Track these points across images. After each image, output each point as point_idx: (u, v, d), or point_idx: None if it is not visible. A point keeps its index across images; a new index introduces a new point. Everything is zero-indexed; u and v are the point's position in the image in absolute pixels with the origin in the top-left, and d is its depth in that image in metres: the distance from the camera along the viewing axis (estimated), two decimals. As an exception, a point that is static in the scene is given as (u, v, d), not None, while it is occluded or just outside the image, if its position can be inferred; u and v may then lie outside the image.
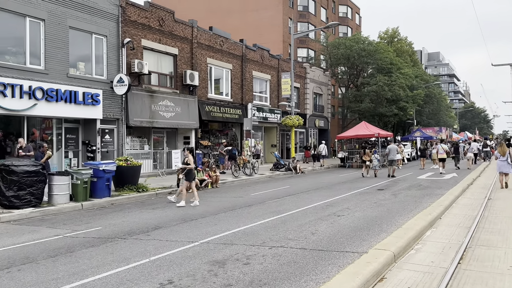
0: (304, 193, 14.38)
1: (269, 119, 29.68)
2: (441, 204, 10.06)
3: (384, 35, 58.77)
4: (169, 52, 20.80)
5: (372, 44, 39.25)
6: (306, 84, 35.57)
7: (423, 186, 15.70)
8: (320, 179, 20.25)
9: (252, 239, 7.33)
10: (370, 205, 11.25)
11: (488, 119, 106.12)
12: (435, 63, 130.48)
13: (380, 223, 8.70)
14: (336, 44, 39.22)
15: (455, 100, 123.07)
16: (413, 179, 18.97)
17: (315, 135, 38.13)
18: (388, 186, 16.17)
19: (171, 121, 20.32)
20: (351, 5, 53.88)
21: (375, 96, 38.02)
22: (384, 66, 39.57)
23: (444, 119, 63.78)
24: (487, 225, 8.02)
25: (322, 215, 9.78)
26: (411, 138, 42.86)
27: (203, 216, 9.85)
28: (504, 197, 11.84)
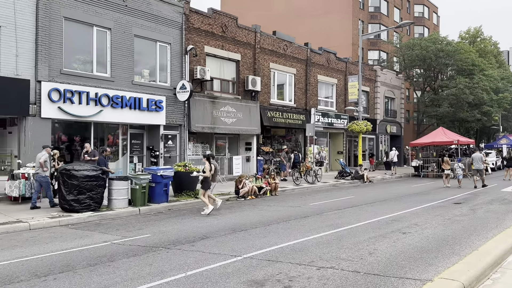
0: (369, 205, 13.31)
1: (335, 124, 28.53)
2: (529, 224, 8.57)
3: (465, 35, 54.50)
4: (231, 58, 20.77)
5: (451, 44, 36.34)
6: (376, 87, 33.79)
7: (508, 201, 13.80)
8: (389, 189, 18.85)
9: (300, 257, 6.67)
10: (443, 221, 9.97)
11: None
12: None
13: (452, 243, 7.55)
14: (410, 45, 36.92)
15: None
16: (497, 191, 16.88)
17: (386, 141, 36.06)
18: (467, 199, 14.46)
19: (232, 126, 20.21)
20: (428, 4, 50.64)
21: (455, 100, 35.07)
22: (465, 67, 36.42)
23: (535, 125, 57.29)
24: None
25: (384, 231, 8.79)
26: (496, 146, 38.87)
27: (254, 227, 9.35)
28: None
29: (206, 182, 11.62)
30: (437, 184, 21.07)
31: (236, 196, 15.02)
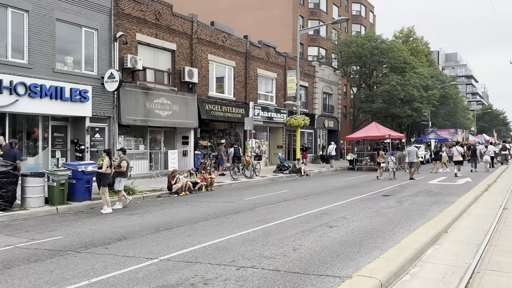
0: (302, 198, 13.30)
1: (275, 119, 28.60)
2: (448, 214, 8.86)
3: (399, 35, 57.15)
4: (166, 48, 19.91)
5: (385, 42, 37.84)
6: (315, 83, 34.37)
7: (433, 192, 14.44)
8: (324, 182, 19.11)
9: (221, 256, 6.31)
10: (370, 214, 10.10)
11: (506, 122, 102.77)
12: (452, 64, 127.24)
13: (376, 237, 7.58)
14: (347, 42, 37.93)
15: (473, 102, 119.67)
16: (424, 184, 17.68)
17: (324, 136, 36.88)
18: (395, 191, 14.95)
19: (168, 119, 19.43)
20: (365, 3, 52.39)
21: (388, 96, 36.58)
22: (398, 65, 38.09)
23: (460, 121, 61.65)
24: (500, 242, 6.83)
25: (313, 225, 8.70)
26: (426, 140, 41.20)
27: (181, 225, 8.86)
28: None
29: (105, 178, 10.91)
30: (370, 176, 21.77)
31: (169, 192, 14.40)
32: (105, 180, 10.91)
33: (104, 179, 10.93)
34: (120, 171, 11.40)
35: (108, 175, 11.02)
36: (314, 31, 42.68)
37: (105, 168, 10.94)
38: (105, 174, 10.96)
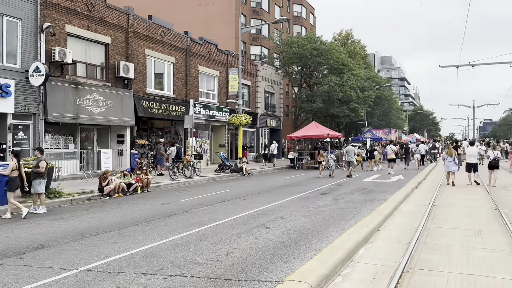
0: (242, 198, 13.10)
1: (217, 117, 28.23)
2: (381, 212, 9.08)
3: (338, 37, 59.01)
4: (99, 41, 18.82)
5: (324, 44, 38.80)
6: (257, 82, 34.43)
7: (367, 190, 14.89)
8: (265, 181, 19.09)
9: (149, 264, 5.90)
10: (307, 213, 10.12)
11: (436, 122, 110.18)
12: (387, 66, 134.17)
13: (311, 237, 7.54)
14: (288, 43, 38.42)
15: (406, 103, 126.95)
16: (359, 181, 18.23)
17: (267, 134, 37.11)
18: (332, 189, 15.23)
19: (101, 117, 18.37)
20: (306, 5, 53.46)
21: (327, 96, 37.56)
22: (336, 66, 39.25)
23: (394, 121, 65.02)
24: (428, 240, 7.06)
25: (249, 226, 8.51)
26: (362, 139, 42.90)
27: (109, 230, 8.28)
28: (449, 204, 11.12)
29: (12, 183, 10.01)
30: (310, 175, 22.15)
31: (100, 194, 13.57)
32: (12, 184, 9.95)
33: (11, 183, 9.96)
34: (38, 172, 10.50)
35: (15, 179, 10.04)
36: (256, 30, 42.82)
37: (9, 171, 9.96)
38: (12, 178, 9.98)
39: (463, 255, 6.04)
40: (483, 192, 13.57)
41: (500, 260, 5.80)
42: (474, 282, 4.95)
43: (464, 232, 7.59)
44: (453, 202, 11.44)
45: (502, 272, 5.26)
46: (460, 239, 7.05)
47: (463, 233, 7.49)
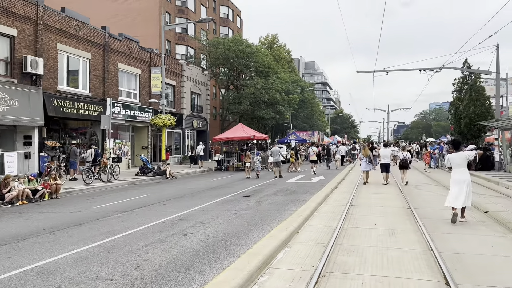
0: (162, 203, 12.44)
1: (139, 118, 26.97)
2: (301, 214, 9.06)
3: (264, 41, 59.93)
4: (3, 33, 16.94)
5: (250, 46, 39.03)
6: (182, 82, 33.57)
7: (290, 191, 15.00)
8: (189, 184, 18.51)
9: (44, 282, 5.16)
10: (229, 216, 9.81)
11: (355, 125, 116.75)
12: (310, 71, 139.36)
13: (230, 242, 7.22)
14: (215, 43, 38.06)
15: (328, 107, 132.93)
16: (283, 183, 18.40)
17: (193, 136, 36.38)
18: (256, 191, 15.12)
19: (4, 116, 16.50)
20: (232, 7, 53.49)
21: (253, 98, 37.81)
22: (263, 69, 39.72)
23: (317, 124, 67.63)
24: (345, 241, 7.09)
25: (166, 234, 7.98)
26: (287, 141, 43.85)
27: (3, 244, 7.31)
28: (365, 204, 11.49)
29: None
30: (236, 176, 21.98)
31: (0, 202, 12.10)
32: None
33: None
34: None
35: None
36: (182, 30, 41.88)
37: None
38: None
39: (378, 256, 6.11)
40: (397, 191, 14.31)
41: (412, 259, 5.94)
42: (388, 283, 4.96)
43: (379, 231, 7.78)
44: (369, 202, 11.84)
45: (414, 273, 5.36)
46: (375, 239, 7.19)
47: (378, 233, 7.66)
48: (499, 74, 22.02)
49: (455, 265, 5.60)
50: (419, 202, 11.64)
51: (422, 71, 25.09)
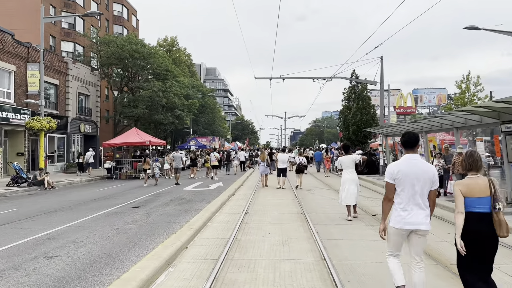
0: (30, 219, 10.62)
1: (13, 120, 23.61)
2: (192, 226, 8.25)
3: (163, 43, 57.99)
4: None
5: (146, 47, 37.15)
6: (68, 81, 30.44)
7: (185, 200, 14.09)
8: (70, 195, 16.47)
9: None
10: (109, 233, 8.59)
11: (255, 131, 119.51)
12: (212, 77, 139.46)
13: (104, 265, 6.13)
14: (106, 41, 35.40)
15: (229, 113, 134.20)
16: (179, 190, 17.40)
17: (81, 141, 33.20)
18: (147, 201, 13.91)
19: None
20: (127, 6, 50.66)
21: (150, 102, 35.95)
22: (160, 72, 38.08)
23: (218, 130, 67.41)
24: (237, 254, 6.48)
25: (25, 258, 6.55)
26: (187, 147, 42.63)
27: None
28: (261, 211, 11.12)
29: None
30: (128, 185, 20.39)
31: None
32: None
33: None
34: None
35: None
36: (69, 25, 38.28)
37: None
38: None
39: (270, 270, 5.60)
40: (292, 196, 14.30)
41: (305, 272, 5.54)
42: (279, 303, 4.42)
43: (273, 241, 7.35)
44: (265, 208, 11.52)
45: None
46: (268, 250, 6.71)
47: (271, 242, 7.21)
48: (383, 84, 23.86)
49: (348, 276, 5.32)
50: (313, 207, 11.65)
51: (315, 79, 26.14)
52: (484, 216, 3.81)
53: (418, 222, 3.99)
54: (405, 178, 4.05)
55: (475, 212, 3.82)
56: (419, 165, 4.09)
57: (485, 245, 3.78)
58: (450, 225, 8.83)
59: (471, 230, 3.77)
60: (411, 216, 4.01)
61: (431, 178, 4.06)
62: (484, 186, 3.88)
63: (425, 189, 4.05)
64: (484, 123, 12.54)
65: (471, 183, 3.92)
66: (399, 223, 4.04)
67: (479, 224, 3.78)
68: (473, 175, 3.99)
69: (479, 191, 3.87)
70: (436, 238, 7.42)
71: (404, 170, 4.07)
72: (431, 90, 71.99)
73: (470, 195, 3.86)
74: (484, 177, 3.99)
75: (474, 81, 36.18)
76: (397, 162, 4.28)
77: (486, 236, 3.77)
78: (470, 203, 3.85)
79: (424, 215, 4.02)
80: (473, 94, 36.01)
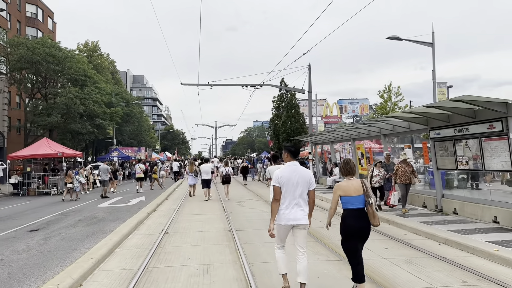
0: None
1: None
2: (92, 255, 6.76)
3: (83, 48, 54.27)
4: None
5: (62, 50, 34.01)
6: (-35, 86, 26.65)
7: (97, 219, 12.34)
8: (-43, 218, 13.84)
9: None
10: (-14, 268, 6.83)
11: (186, 141, 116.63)
12: (139, 85, 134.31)
13: (-43, 321, 4.54)
14: (14, 43, 31.80)
15: (159, 123, 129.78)
16: (93, 207, 15.48)
17: (-18, 154, 29.21)
18: (51, 222, 11.94)
19: None
20: (42, 7, 46.48)
21: (66, 109, 32.80)
22: (77, 77, 35.00)
23: (146, 140, 64.33)
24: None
25: None
26: (109, 158, 39.68)
27: None
28: (183, 229, 9.85)
29: None
30: (36, 203, 18.08)
31: None
32: None
33: None
34: None
35: None
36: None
37: None
38: None
39: (183, 313, 4.42)
40: (220, 210, 13.20)
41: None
42: None
43: (192, 269, 6.17)
44: (188, 225, 10.27)
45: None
46: (185, 283, 5.53)
47: (190, 272, 6.03)
48: (311, 93, 23.73)
49: (280, 315, 4.32)
50: (241, 222, 10.63)
51: (245, 87, 25.41)
52: (360, 210, 4.77)
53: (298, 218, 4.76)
54: (288, 182, 4.79)
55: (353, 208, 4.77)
56: (298, 171, 4.90)
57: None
58: (390, 240, 8.29)
59: (349, 223, 4.74)
60: (292, 213, 4.76)
61: (308, 180, 4.86)
62: (358, 186, 4.79)
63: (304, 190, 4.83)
64: (412, 130, 12.46)
65: (347, 185, 4.82)
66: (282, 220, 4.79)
67: (355, 218, 4.75)
68: (349, 178, 4.89)
69: (355, 191, 4.77)
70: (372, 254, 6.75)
71: (286, 175, 4.84)
72: (354, 101, 75.20)
73: (347, 194, 4.78)
74: (358, 179, 4.88)
75: (395, 91, 37.88)
76: (281, 168, 5.05)
77: (361, 226, 4.74)
78: (348, 201, 4.78)
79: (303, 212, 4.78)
80: (394, 103, 37.66)
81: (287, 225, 4.76)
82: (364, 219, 4.73)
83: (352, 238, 4.73)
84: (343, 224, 4.78)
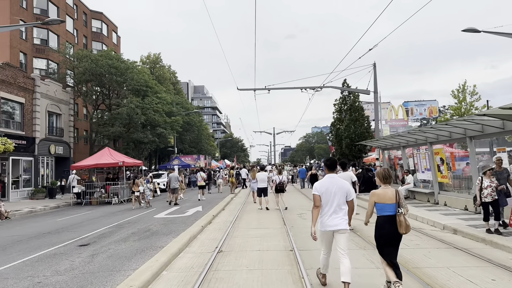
0: None
1: (-33, 143, 20.99)
2: (132, 283, 5.78)
3: (146, 60, 56.02)
4: None
5: (124, 61, 34.91)
6: (35, 99, 27.96)
7: (150, 232, 11.62)
8: (21, 228, 14.00)
9: None
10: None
11: (244, 148, 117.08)
12: (200, 95, 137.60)
13: None
14: (79, 56, 33.09)
15: (218, 131, 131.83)
16: (149, 218, 14.92)
17: (51, 164, 30.48)
18: (102, 236, 11.38)
19: None
20: (107, 22, 48.61)
21: (128, 119, 33.51)
22: (139, 88, 35.75)
23: (205, 148, 64.93)
24: None
25: None
26: (170, 167, 40.07)
27: None
28: (239, 246, 8.72)
29: None
30: (96, 212, 18.05)
31: None
32: None
33: None
34: None
35: None
36: (41, 41, 35.93)
37: None
38: None
39: None
40: (280, 223, 11.92)
41: None
42: None
43: (247, 305, 4.95)
44: (245, 242, 9.11)
45: None
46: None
47: (244, 309, 4.81)
48: (378, 94, 21.80)
49: None
50: (304, 239, 9.23)
51: (304, 90, 24.04)
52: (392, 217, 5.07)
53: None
54: (326, 192, 5.26)
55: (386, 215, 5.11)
56: (336, 182, 5.33)
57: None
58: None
59: (381, 231, 5.14)
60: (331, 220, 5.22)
61: (345, 191, 5.32)
62: (392, 195, 5.11)
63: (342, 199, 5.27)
64: (508, 130, 10.40)
65: (383, 192, 5.16)
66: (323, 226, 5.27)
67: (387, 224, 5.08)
68: (385, 186, 5.22)
69: (389, 199, 5.10)
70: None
71: (325, 185, 5.30)
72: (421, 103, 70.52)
73: (382, 201, 5.15)
74: (393, 188, 5.16)
75: (470, 91, 34.46)
76: (320, 180, 5.52)
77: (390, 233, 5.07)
78: (382, 208, 5.16)
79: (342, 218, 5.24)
80: (470, 103, 34.23)
81: (327, 231, 5.25)
82: (394, 226, 5.02)
83: (385, 244, 5.10)
84: (376, 232, 5.19)
